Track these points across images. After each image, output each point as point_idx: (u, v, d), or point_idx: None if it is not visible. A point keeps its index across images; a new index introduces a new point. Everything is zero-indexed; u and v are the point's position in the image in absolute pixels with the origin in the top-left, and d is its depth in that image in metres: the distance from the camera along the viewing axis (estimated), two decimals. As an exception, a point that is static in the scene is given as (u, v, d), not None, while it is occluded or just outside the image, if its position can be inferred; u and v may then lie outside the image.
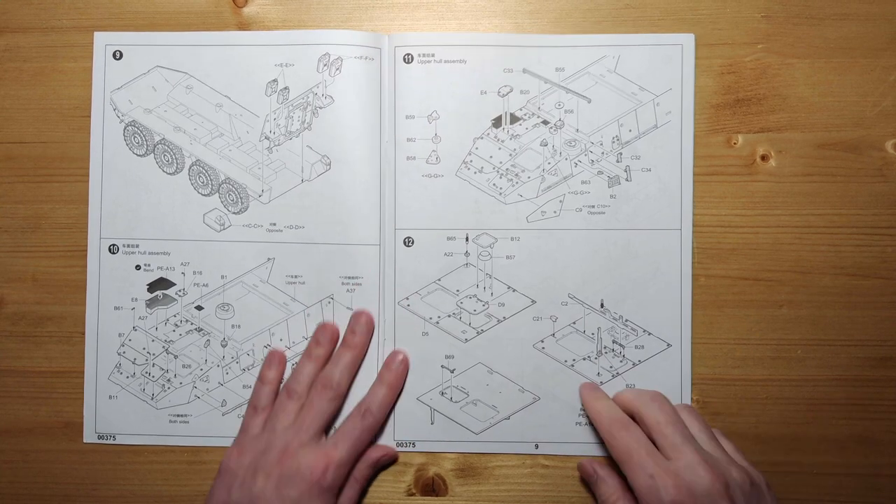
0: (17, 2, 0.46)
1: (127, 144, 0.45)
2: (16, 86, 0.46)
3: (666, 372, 0.44)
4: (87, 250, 0.45)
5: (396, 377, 0.43)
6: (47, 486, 0.46)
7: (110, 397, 0.45)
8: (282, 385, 0.43)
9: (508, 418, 0.44)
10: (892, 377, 0.43)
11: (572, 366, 0.44)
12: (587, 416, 0.43)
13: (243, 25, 0.45)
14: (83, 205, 0.45)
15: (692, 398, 0.44)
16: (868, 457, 0.43)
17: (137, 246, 0.45)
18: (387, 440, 0.44)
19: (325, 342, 0.43)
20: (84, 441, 0.45)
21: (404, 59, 0.44)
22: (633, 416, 0.40)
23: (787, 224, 0.44)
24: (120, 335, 0.45)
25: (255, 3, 0.45)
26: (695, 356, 0.44)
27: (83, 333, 0.45)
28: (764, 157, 0.44)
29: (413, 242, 0.44)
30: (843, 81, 0.44)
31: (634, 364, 0.44)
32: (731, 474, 0.37)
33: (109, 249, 0.45)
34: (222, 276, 0.45)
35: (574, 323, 0.44)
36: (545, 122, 0.44)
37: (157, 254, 0.45)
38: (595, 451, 0.44)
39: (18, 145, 0.46)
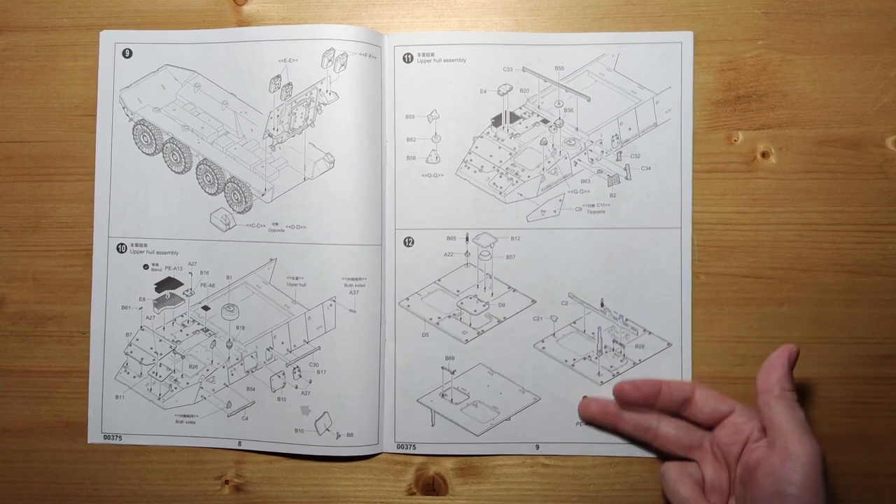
0: (17, 1, 0.49)
1: (136, 143, 0.48)
2: (16, 85, 0.49)
3: (667, 371, 0.47)
4: (90, 249, 0.48)
5: None
6: (47, 486, 0.49)
7: (117, 397, 0.48)
8: None
9: (509, 419, 0.47)
10: (893, 375, 0.46)
11: (573, 366, 0.47)
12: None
13: (243, 23, 0.49)
14: (85, 204, 0.49)
15: (693, 397, 0.47)
16: (869, 455, 0.46)
17: (146, 245, 0.48)
18: (388, 443, 0.48)
19: None
20: (89, 441, 0.48)
21: (404, 59, 0.48)
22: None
23: (787, 221, 0.47)
24: (127, 335, 0.48)
25: (254, 0, 0.49)
26: (695, 355, 0.47)
27: (84, 333, 0.49)
28: (764, 154, 0.47)
29: (413, 242, 0.48)
30: (843, 78, 0.47)
31: (635, 363, 0.47)
32: None
33: (118, 248, 0.48)
34: (227, 277, 0.48)
35: (574, 322, 0.47)
36: (545, 121, 0.47)
37: (165, 253, 0.48)
38: (595, 451, 0.47)
39: (19, 144, 0.49)
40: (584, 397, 0.47)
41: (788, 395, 0.41)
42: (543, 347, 0.47)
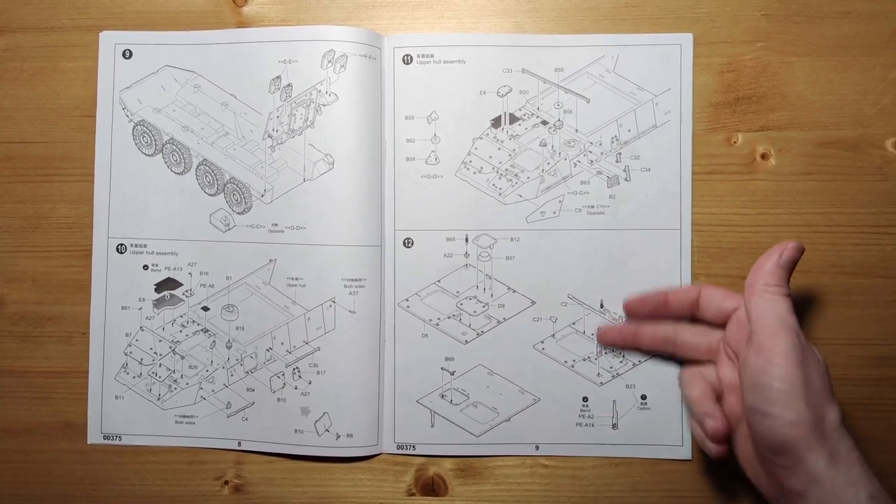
0: (17, 1, 0.50)
1: (136, 144, 0.49)
2: (16, 85, 0.50)
3: (666, 372, 0.47)
4: (90, 250, 0.49)
5: None
6: (47, 487, 0.49)
7: (116, 397, 0.49)
8: None
9: (509, 420, 0.48)
10: (891, 376, 0.47)
11: (572, 366, 0.48)
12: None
13: (243, 24, 0.49)
14: (84, 204, 0.49)
15: (692, 398, 0.48)
16: (868, 456, 0.45)
17: (145, 246, 0.49)
18: (387, 443, 0.48)
19: None
20: (89, 442, 0.49)
21: (403, 60, 0.48)
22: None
23: (786, 223, 0.47)
24: (127, 335, 0.49)
25: (254, 2, 0.49)
26: (695, 356, 0.47)
27: (84, 333, 0.49)
28: (764, 156, 0.48)
29: (413, 243, 0.48)
30: (842, 79, 0.47)
31: (634, 364, 0.47)
32: None
33: (117, 249, 0.49)
34: (227, 277, 0.48)
35: (574, 323, 0.48)
36: (544, 123, 0.48)
37: (165, 254, 0.49)
38: (595, 451, 0.47)
39: (18, 145, 0.50)
40: (599, 328, 0.47)
41: (771, 290, 0.41)
42: (543, 348, 0.48)
